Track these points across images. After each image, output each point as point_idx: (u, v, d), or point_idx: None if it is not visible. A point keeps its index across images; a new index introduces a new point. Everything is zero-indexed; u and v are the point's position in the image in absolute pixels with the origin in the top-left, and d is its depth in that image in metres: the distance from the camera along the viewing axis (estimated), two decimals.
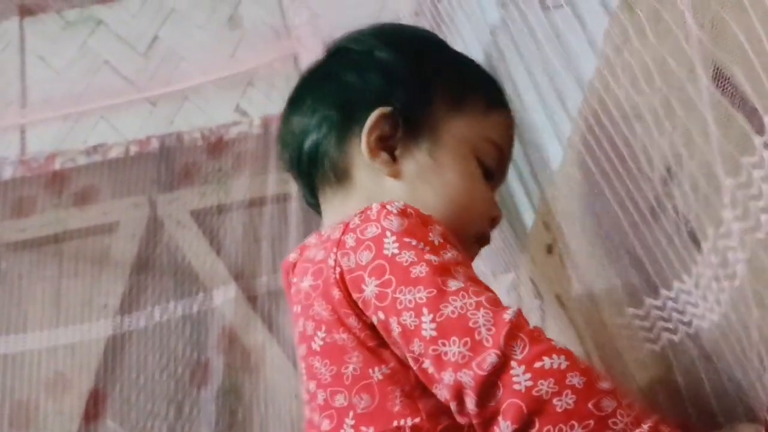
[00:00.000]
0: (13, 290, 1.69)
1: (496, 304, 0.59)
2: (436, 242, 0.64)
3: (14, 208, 1.75)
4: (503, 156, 0.81)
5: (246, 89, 1.87)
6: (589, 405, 0.54)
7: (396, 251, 0.63)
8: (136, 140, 1.80)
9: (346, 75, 0.78)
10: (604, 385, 0.56)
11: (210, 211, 1.75)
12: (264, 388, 1.61)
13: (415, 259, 0.62)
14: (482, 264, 1.20)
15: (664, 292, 0.68)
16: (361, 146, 0.75)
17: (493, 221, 0.80)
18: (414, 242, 0.63)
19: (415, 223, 0.65)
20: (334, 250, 0.66)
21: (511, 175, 1.11)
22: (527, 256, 1.06)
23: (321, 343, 0.67)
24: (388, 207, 0.66)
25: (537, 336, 0.57)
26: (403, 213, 0.66)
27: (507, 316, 0.58)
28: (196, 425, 1.58)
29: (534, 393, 0.54)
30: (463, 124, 0.77)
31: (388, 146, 0.75)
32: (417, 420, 0.63)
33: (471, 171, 0.76)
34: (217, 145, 1.80)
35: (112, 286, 1.68)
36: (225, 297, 1.67)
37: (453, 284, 0.60)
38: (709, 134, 0.54)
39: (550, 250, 0.96)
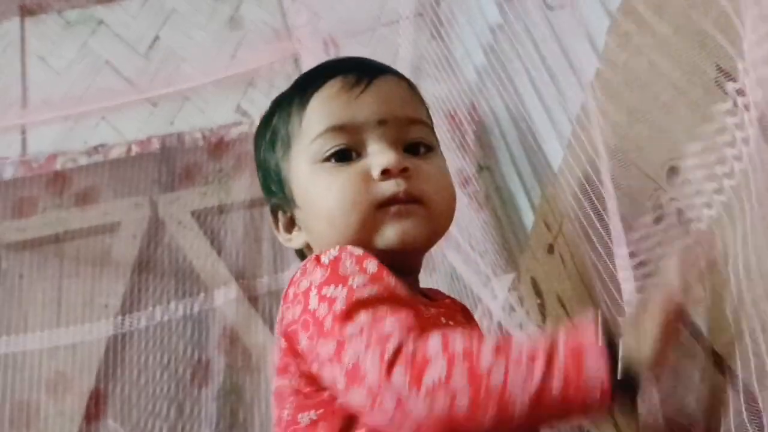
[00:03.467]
0: (13, 290, 1.69)
1: (388, 335, 0.61)
2: (356, 284, 0.67)
3: (15, 208, 1.75)
4: (345, 124, 0.78)
5: (247, 90, 1.87)
6: (482, 393, 0.56)
7: (316, 306, 0.67)
8: (137, 141, 1.80)
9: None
10: (485, 355, 0.57)
11: (211, 211, 1.75)
12: (265, 388, 1.61)
13: (326, 311, 0.65)
14: (483, 264, 1.20)
15: None
16: None
17: (384, 174, 0.76)
18: (330, 292, 0.67)
19: (337, 270, 0.69)
20: (282, 303, 0.72)
21: (512, 175, 1.11)
22: (528, 255, 1.06)
23: (274, 387, 0.74)
24: (321, 258, 0.71)
25: (413, 351, 0.59)
26: (333, 261, 0.70)
27: (390, 344, 0.60)
28: (197, 425, 1.58)
29: (435, 413, 0.57)
30: (294, 156, 0.81)
31: (291, 227, 0.85)
32: None
33: (321, 179, 0.78)
34: (218, 146, 1.80)
35: (113, 286, 1.68)
36: (226, 297, 1.67)
37: (350, 330, 0.63)
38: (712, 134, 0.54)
39: (550, 249, 0.96)
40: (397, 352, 0.59)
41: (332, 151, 0.78)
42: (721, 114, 0.54)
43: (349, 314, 0.64)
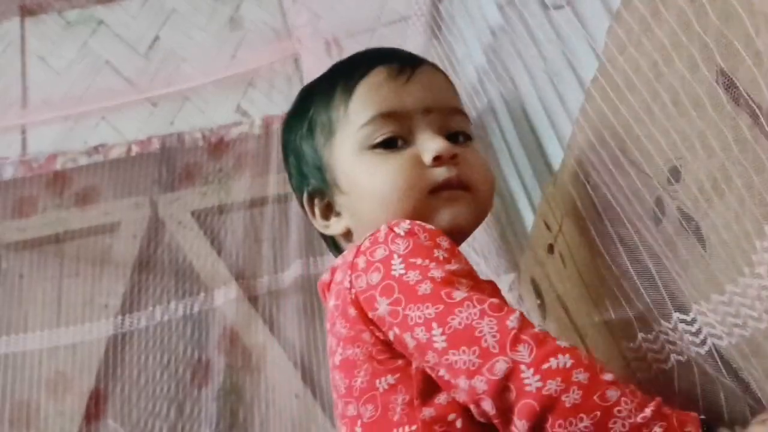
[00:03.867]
0: (13, 290, 1.69)
1: (499, 309, 0.63)
2: (441, 257, 0.69)
3: (15, 208, 1.75)
4: (394, 111, 0.81)
5: (247, 90, 1.87)
6: (595, 398, 0.58)
7: (402, 272, 0.68)
8: (137, 141, 1.80)
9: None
10: (607, 377, 0.59)
11: (211, 211, 1.75)
12: (265, 388, 1.61)
13: (420, 278, 0.66)
14: (483, 264, 1.20)
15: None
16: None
17: (437, 160, 0.79)
18: (419, 261, 0.68)
19: (420, 242, 0.70)
20: (348, 272, 0.72)
21: (512, 175, 1.11)
22: (528, 255, 1.06)
23: (340, 357, 0.73)
24: (395, 229, 0.72)
25: (542, 338, 0.61)
26: (409, 233, 0.71)
27: (510, 322, 0.62)
28: (197, 425, 1.58)
29: (544, 392, 0.58)
30: (338, 143, 0.83)
31: (329, 213, 0.86)
32: (413, 428, 0.67)
33: (370, 166, 0.80)
34: (218, 146, 1.80)
35: (113, 286, 1.68)
36: (226, 297, 1.67)
37: (457, 295, 0.64)
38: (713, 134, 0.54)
39: (551, 250, 0.96)
40: (522, 328, 0.61)
41: (382, 137, 0.80)
42: (723, 113, 0.54)
43: (450, 281, 0.66)
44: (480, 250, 1.21)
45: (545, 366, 0.59)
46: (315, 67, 1.70)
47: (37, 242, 1.72)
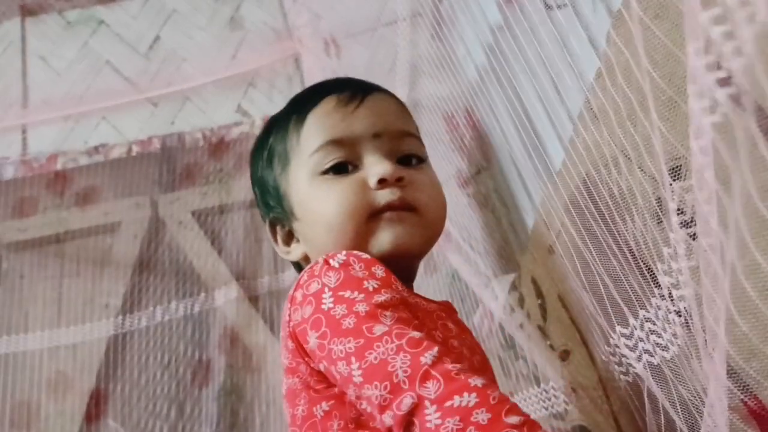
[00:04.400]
0: (14, 290, 1.69)
1: (416, 345, 0.64)
2: (371, 288, 0.70)
3: (16, 208, 1.75)
4: (342, 138, 0.82)
5: (247, 90, 1.87)
6: None
7: (331, 305, 0.69)
8: (137, 141, 1.81)
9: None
10: (511, 419, 0.58)
11: (211, 211, 1.76)
12: (265, 388, 1.62)
13: (346, 312, 0.68)
14: (483, 264, 1.20)
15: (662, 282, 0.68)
16: None
17: (381, 183, 0.80)
18: (347, 294, 0.69)
19: (351, 274, 0.71)
20: (288, 305, 0.74)
21: (512, 175, 1.11)
22: (528, 256, 1.06)
23: (285, 387, 0.76)
24: (330, 262, 0.73)
25: (453, 375, 0.61)
26: (343, 265, 0.72)
27: (424, 358, 0.62)
28: (198, 425, 1.58)
29: (442, 430, 0.58)
30: (293, 171, 0.85)
31: (290, 240, 0.88)
32: None
33: (320, 192, 0.81)
34: (218, 146, 1.80)
35: (113, 286, 1.68)
36: (226, 297, 1.67)
37: (378, 330, 0.65)
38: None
39: (551, 249, 0.96)
40: (435, 364, 0.61)
41: (331, 163, 0.82)
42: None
43: (373, 315, 0.67)
44: (480, 249, 1.21)
45: (447, 404, 0.59)
46: (315, 67, 1.70)
47: (38, 242, 1.72)
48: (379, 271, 0.73)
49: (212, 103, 1.86)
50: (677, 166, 0.60)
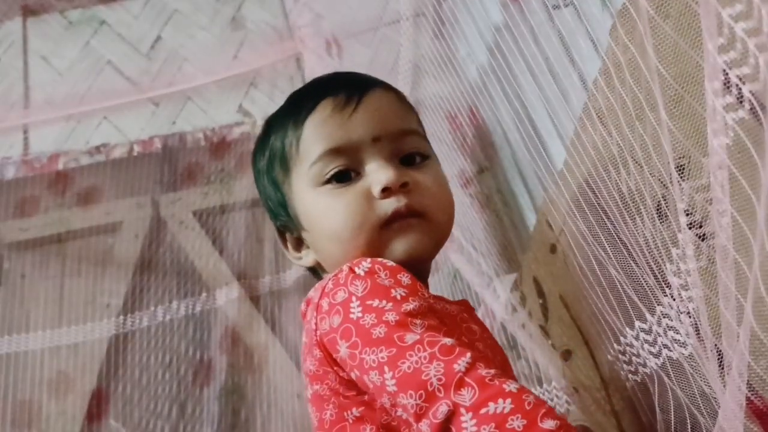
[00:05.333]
0: (15, 290, 1.69)
1: (449, 352, 0.64)
2: (399, 296, 0.70)
3: (17, 207, 1.75)
4: (341, 146, 0.81)
5: (249, 90, 1.87)
6: None
7: (360, 315, 0.69)
8: (139, 140, 1.81)
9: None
10: (547, 424, 0.58)
11: (213, 211, 1.75)
12: (267, 387, 1.61)
13: (375, 321, 0.68)
14: (485, 264, 1.20)
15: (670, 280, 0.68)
16: None
17: (385, 192, 0.79)
18: (375, 303, 0.69)
19: (378, 282, 0.71)
20: (314, 314, 0.74)
21: (514, 175, 1.11)
22: (530, 255, 1.06)
23: (310, 392, 0.76)
24: (355, 270, 0.73)
25: (488, 381, 0.61)
26: (369, 272, 0.72)
27: (458, 365, 0.62)
28: (199, 425, 1.58)
29: None
30: (294, 181, 0.84)
31: (300, 246, 0.88)
32: None
33: (323, 204, 0.81)
34: (219, 146, 1.80)
35: (114, 286, 1.68)
36: (228, 297, 1.67)
37: (409, 338, 0.65)
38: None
39: (553, 249, 0.96)
40: (469, 371, 0.62)
41: (332, 173, 0.81)
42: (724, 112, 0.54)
43: (404, 324, 0.67)
44: (482, 249, 1.21)
45: (483, 410, 0.59)
46: (317, 67, 1.70)
47: (39, 242, 1.72)
48: (405, 278, 0.73)
49: (214, 103, 1.86)
50: (680, 165, 0.60)
